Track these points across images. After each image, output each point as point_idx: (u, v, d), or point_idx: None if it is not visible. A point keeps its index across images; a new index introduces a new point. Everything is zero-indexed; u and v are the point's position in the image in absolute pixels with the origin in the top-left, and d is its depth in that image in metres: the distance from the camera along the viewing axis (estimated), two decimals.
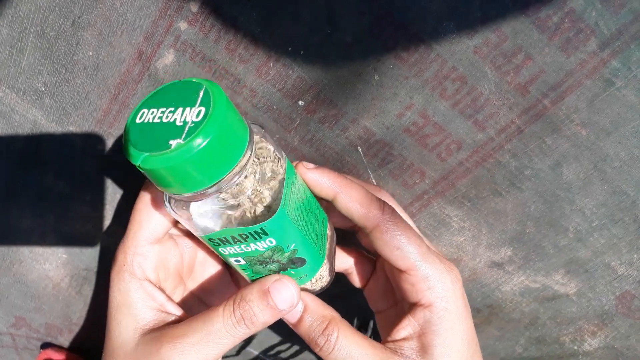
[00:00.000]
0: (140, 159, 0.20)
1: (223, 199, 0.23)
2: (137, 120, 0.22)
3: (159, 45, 0.29)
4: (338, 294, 0.40)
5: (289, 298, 0.26)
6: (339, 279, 0.39)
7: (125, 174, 0.35)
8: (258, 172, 0.23)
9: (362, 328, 0.41)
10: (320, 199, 0.29)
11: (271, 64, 0.30)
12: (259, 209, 0.23)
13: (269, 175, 0.24)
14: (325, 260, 0.29)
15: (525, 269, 0.37)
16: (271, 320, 0.26)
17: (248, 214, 0.23)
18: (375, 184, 0.34)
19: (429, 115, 0.31)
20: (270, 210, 0.23)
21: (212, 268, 0.35)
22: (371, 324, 0.40)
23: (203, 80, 0.22)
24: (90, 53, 0.30)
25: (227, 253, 0.26)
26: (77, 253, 0.38)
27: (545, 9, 0.27)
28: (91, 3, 0.28)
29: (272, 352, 0.45)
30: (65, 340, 0.42)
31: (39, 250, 0.38)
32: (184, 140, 0.19)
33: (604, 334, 0.40)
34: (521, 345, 0.42)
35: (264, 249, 0.25)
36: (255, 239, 0.24)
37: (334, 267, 0.31)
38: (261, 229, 0.23)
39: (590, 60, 0.28)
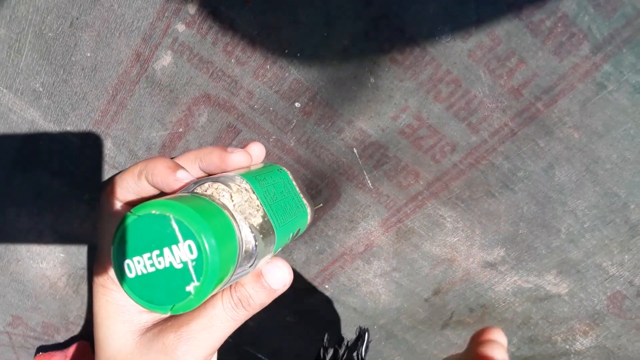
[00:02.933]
0: (168, 310, 0.21)
1: (243, 265, 0.24)
2: (130, 276, 0.22)
3: (156, 47, 0.30)
4: (334, 296, 0.40)
5: (281, 278, 0.27)
6: (337, 279, 0.39)
7: None
8: (248, 223, 0.24)
9: (359, 339, 0.41)
10: None
11: (268, 66, 0.30)
12: (267, 244, 0.25)
13: (252, 212, 0.25)
14: (307, 207, 0.30)
15: (518, 270, 0.37)
16: (267, 300, 0.28)
17: (262, 252, 0.25)
18: (371, 185, 0.35)
19: (423, 118, 0.31)
20: (271, 233, 0.25)
21: None
22: (366, 336, 0.40)
23: (163, 207, 0.21)
24: (88, 54, 0.30)
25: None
26: (74, 252, 0.38)
27: (539, 13, 0.27)
28: (89, 4, 0.28)
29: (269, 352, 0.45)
30: (62, 339, 0.43)
31: (36, 249, 0.38)
32: (199, 281, 0.20)
33: (595, 334, 0.40)
34: (514, 344, 0.42)
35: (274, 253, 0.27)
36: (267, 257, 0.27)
37: (310, 198, 0.32)
38: (271, 254, 0.26)
39: (582, 64, 0.29)
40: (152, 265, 0.21)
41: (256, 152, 0.30)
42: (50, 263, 0.39)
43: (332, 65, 0.30)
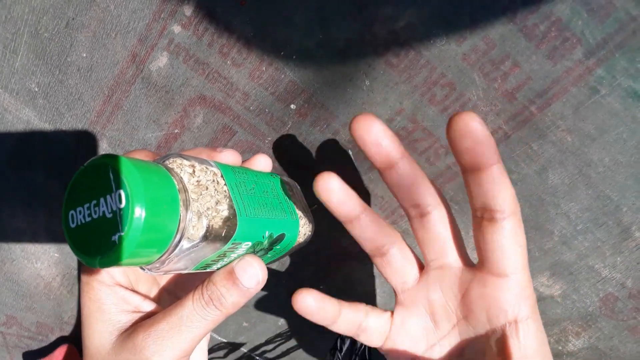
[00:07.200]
0: (96, 262, 0.21)
1: (188, 241, 0.23)
2: (72, 225, 0.22)
3: (152, 48, 0.30)
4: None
5: (254, 275, 0.26)
6: (332, 279, 0.39)
7: None
8: (202, 201, 0.23)
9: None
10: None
11: (264, 68, 0.30)
12: (224, 229, 0.24)
13: (213, 195, 0.24)
14: (300, 217, 0.29)
15: None
16: (240, 299, 0.27)
17: (217, 237, 0.24)
18: (366, 187, 0.35)
19: (418, 120, 0.31)
20: (232, 222, 0.24)
21: None
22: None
23: (106, 158, 0.21)
24: (84, 55, 0.30)
25: (216, 268, 0.27)
26: (68, 252, 0.38)
27: (533, 18, 0.28)
28: (85, 5, 0.28)
29: (260, 352, 0.45)
30: (55, 339, 0.43)
31: (30, 249, 0.38)
32: (123, 231, 0.20)
33: (587, 335, 0.40)
34: None
35: (245, 251, 0.26)
36: (233, 251, 0.25)
37: (310, 213, 0.31)
38: (232, 244, 0.24)
39: (576, 68, 0.29)
40: (90, 215, 0.21)
41: (262, 164, 0.30)
42: (45, 263, 0.39)
43: (327, 68, 0.30)
